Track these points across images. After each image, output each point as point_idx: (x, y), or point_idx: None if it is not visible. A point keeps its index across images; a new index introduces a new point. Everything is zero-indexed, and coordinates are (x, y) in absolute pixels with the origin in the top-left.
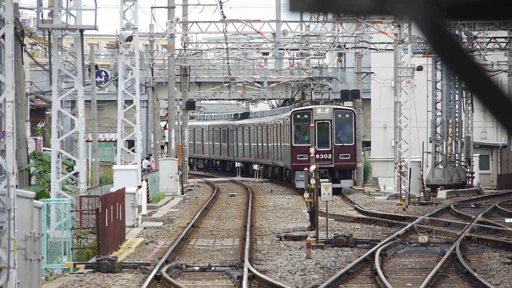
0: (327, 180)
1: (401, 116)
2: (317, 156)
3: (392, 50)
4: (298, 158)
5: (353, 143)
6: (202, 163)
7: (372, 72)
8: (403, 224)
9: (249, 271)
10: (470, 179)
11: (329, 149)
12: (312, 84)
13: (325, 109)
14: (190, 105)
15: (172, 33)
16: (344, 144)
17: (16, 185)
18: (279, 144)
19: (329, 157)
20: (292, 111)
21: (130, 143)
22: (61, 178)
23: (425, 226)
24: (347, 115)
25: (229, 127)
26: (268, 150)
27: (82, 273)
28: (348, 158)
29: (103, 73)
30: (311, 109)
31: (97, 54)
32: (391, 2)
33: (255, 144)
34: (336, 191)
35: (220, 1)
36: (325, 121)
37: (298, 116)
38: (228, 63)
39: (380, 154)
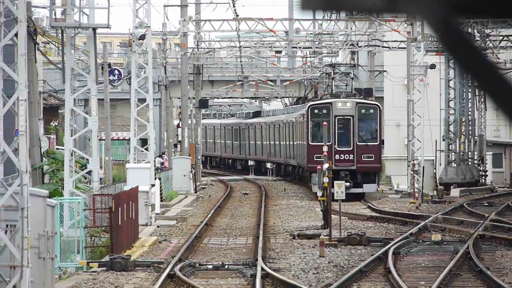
0: (348, 184)
1: (414, 114)
2: (337, 156)
3: (405, 48)
4: (315, 159)
5: (378, 143)
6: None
7: (385, 70)
8: (416, 222)
9: (263, 269)
10: (483, 177)
11: (351, 148)
12: (332, 72)
13: (347, 103)
14: (203, 104)
15: (185, 32)
16: (368, 143)
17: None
18: (296, 142)
19: (350, 158)
20: (309, 105)
21: (143, 142)
22: (74, 177)
23: (438, 224)
24: (371, 110)
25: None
26: (289, 149)
27: (95, 271)
28: (372, 159)
29: (116, 72)
30: (330, 103)
31: (110, 52)
32: (403, 0)
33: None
34: (358, 197)
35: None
36: (346, 117)
37: (316, 111)
38: (241, 61)
39: (393, 152)
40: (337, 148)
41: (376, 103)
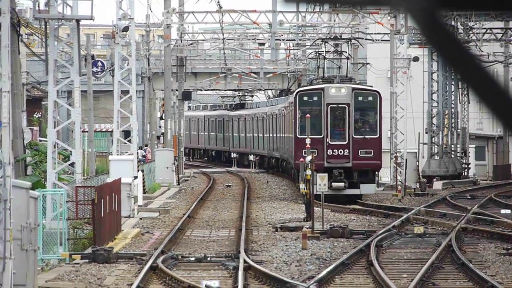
0: (343, 184)
1: (397, 107)
2: (329, 152)
3: (388, 40)
4: (303, 154)
5: (377, 136)
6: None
7: (368, 63)
8: (399, 215)
9: (245, 262)
10: (466, 170)
11: (346, 143)
12: (324, 50)
13: (341, 90)
14: (186, 96)
15: (169, 23)
16: (366, 136)
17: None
18: (283, 135)
19: (345, 154)
20: (297, 91)
21: (126, 133)
22: (57, 169)
23: (421, 217)
24: (370, 98)
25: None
26: (280, 142)
27: (78, 263)
28: (371, 155)
29: (99, 63)
30: (322, 89)
31: (94, 44)
32: None
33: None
34: (355, 199)
35: None
36: (340, 106)
37: (305, 99)
38: (224, 53)
39: None
40: (330, 142)
41: (376, 89)
